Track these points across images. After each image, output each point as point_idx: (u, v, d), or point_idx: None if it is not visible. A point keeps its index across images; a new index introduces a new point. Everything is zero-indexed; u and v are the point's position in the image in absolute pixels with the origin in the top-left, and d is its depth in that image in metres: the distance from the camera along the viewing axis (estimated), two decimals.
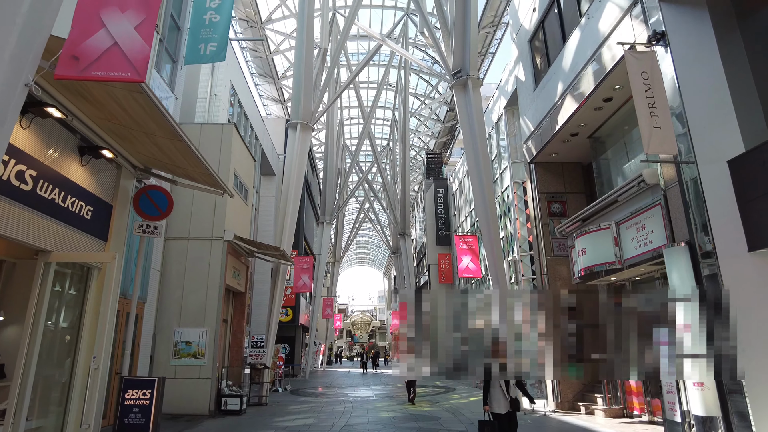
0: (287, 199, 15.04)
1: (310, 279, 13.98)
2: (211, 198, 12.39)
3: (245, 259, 14.10)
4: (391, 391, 17.72)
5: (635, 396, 9.10)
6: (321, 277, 26.23)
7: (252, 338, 23.86)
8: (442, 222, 30.40)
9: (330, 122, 26.44)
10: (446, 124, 32.67)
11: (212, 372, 11.21)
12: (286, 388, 17.76)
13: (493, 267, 12.06)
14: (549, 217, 12.14)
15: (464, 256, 11.87)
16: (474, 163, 12.79)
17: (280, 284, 14.35)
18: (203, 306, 11.62)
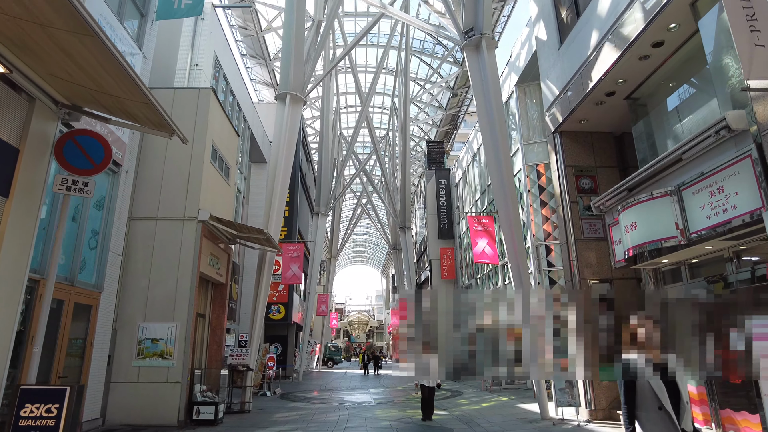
0: (275, 179, 13.32)
1: (301, 269, 12.26)
2: (183, 172, 10.69)
3: (226, 245, 12.36)
4: (392, 395, 15.99)
5: (695, 404, 7.41)
6: (315, 271, 24.50)
7: (240, 337, 22.17)
8: (444, 215, 28.73)
9: (325, 108, 24.71)
10: (449, 111, 30.97)
11: (182, 375, 9.47)
12: (275, 392, 16.02)
13: (513, 252, 10.35)
14: (578, 194, 10.44)
15: (479, 239, 10.21)
16: (489, 134, 11.10)
17: (266, 274, 12.61)
18: (173, 297, 9.89)
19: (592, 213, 10.29)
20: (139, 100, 4.44)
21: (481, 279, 22.86)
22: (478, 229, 10.34)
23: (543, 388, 9.71)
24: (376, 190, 30.66)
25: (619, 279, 9.93)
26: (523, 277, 10.12)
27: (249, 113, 21.79)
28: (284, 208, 13.70)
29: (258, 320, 12.29)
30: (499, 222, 10.73)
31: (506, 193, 10.52)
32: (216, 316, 12.15)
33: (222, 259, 12.17)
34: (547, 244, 16.32)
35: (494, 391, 15.51)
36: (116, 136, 9.44)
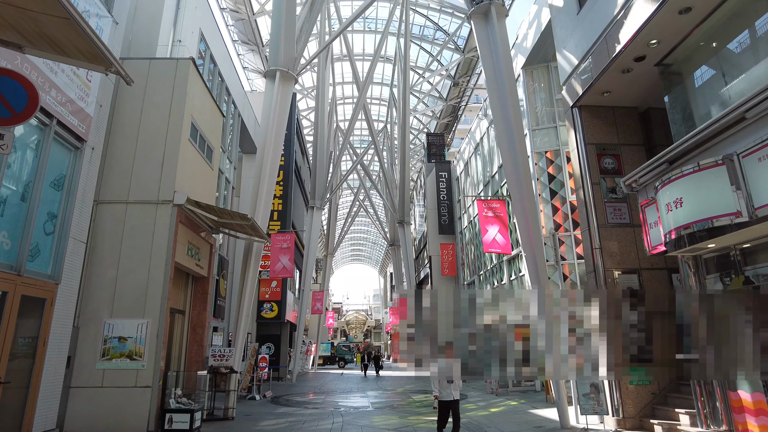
0: (263, 162, 12.15)
1: (292, 261, 11.12)
2: (158, 150, 9.53)
3: (208, 235, 11.20)
4: (391, 398, 14.85)
5: (752, 415, 6.28)
6: (311, 267, 23.34)
7: (230, 336, 21.00)
8: (444, 209, 27.61)
9: (320, 93, 23.54)
10: (449, 101, 29.82)
11: (154, 378, 8.31)
12: (265, 396, 14.85)
13: (528, 240, 9.22)
14: (600, 175, 9.32)
15: (489, 226, 9.09)
16: (500, 109, 9.97)
17: (252, 267, 11.46)
18: (144, 290, 8.72)
19: (616, 196, 9.19)
20: (57, 14, 3.29)
21: (485, 275, 21.74)
22: (489, 215, 9.22)
23: (563, 393, 8.59)
24: (374, 184, 29.49)
25: (647, 270, 8.82)
26: (539, 269, 9.00)
27: (240, 100, 20.62)
28: (273, 194, 12.54)
29: (243, 317, 11.13)
30: (512, 207, 9.60)
31: (520, 175, 9.39)
32: (197, 312, 10.99)
33: (203, 249, 11.01)
34: (560, 236, 15.20)
35: (501, 394, 14.39)
36: (78, 106, 8.29)
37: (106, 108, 9.33)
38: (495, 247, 9.28)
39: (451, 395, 6.66)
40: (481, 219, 9.64)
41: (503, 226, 9.41)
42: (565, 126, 16.24)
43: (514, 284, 18.04)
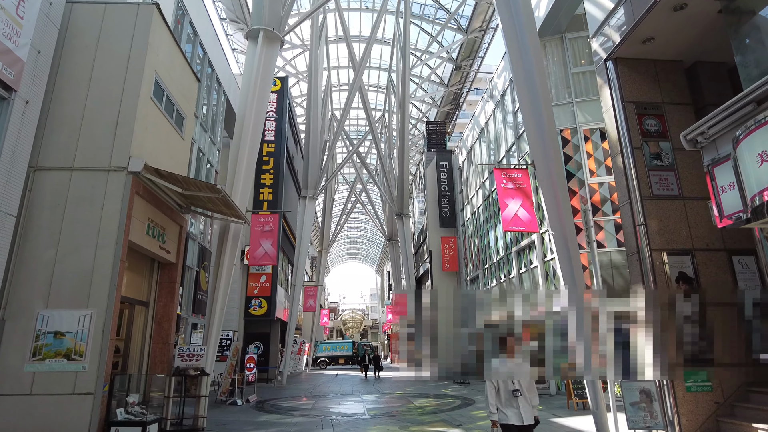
0: (242, 134, 10.58)
1: (275, 247, 9.54)
2: (112, 108, 7.94)
3: (177, 214, 9.60)
4: (389, 403, 13.28)
5: None
6: (302, 261, 21.73)
7: None
8: (445, 201, 26.07)
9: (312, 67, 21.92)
10: (450, 87, 28.24)
11: (97, 382, 6.71)
12: (248, 400, 13.25)
13: (557, 218, 7.66)
14: (642, 139, 7.77)
15: (510, 199, 7.54)
16: (521, 61, 8.39)
17: (228, 253, 9.87)
18: (89, 274, 7.12)
19: (662, 163, 7.65)
20: None
21: (490, 269, 20.20)
22: (508, 187, 7.68)
23: (601, 400, 7.02)
24: (371, 175, 27.92)
25: (702, 251, 7.27)
26: (571, 251, 7.42)
27: (226, 80, 19.02)
28: (254, 171, 10.95)
29: (217, 311, 9.53)
30: (537, 176, 8.03)
31: (545, 137, 7.82)
32: (163, 304, 9.38)
33: (170, 231, 9.40)
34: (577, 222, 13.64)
35: None
36: (5, 46, 6.69)
37: (47, 56, 7.74)
38: (517, 225, 7.73)
39: (518, 416, 4.23)
40: (500, 191, 8.07)
41: (526, 199, 7.86)
42: (583, 102, 14.72)
43: (524, 277, 16.50)
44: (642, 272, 7.17)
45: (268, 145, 23.20)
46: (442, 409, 11.40)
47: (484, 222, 21.01)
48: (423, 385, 19.33)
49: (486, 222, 20.67)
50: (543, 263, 14.61)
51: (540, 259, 14.68)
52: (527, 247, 15.95)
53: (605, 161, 14.05)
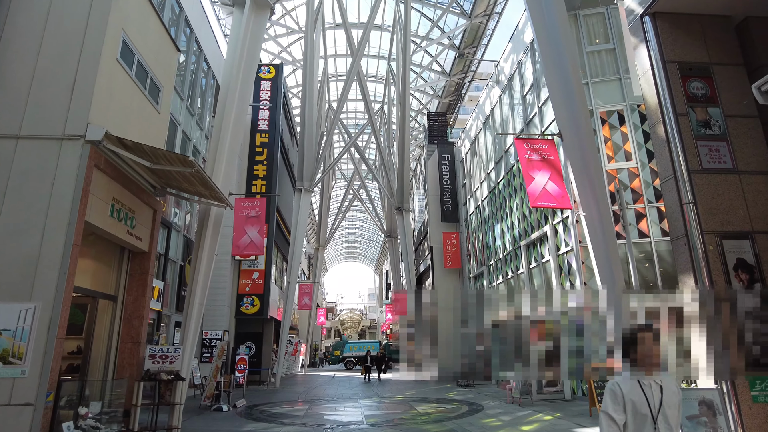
0: (224, 110, 9.44)
1: (263, 235, 8.40)
2: (67, 69, 6.79)
3: (150, 197, 8.44)
4: (389, 409, 12.14)
5: None
6: (297, 256, 20.57)
7: (204, 335, 18.24)
8: (447, 194, 24.98)
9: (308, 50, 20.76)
10: (452, 77, 27.10)
11: (39, 390, 5.55)
12: (235, 406, 12.09)
13: (589, 195, 6.52)
14: (687, 104, 6.65)
15: (536, 172, 6.39)
16: (542, 19, 7.27)
17: (209, 240, 8.73)
18: (34, 261, 5.96)
19: (711, 131, 6.53)
20: None
21: (495, 265, 19.08)
22: (533, 158, 6.54)
23: None
24: (370, 168, 26.78)
25: (763, 233, 6.16)
26: (607, 235, 6.28)
27: (216, 63, 17.90)
28: (237, 150, 9.80)
29: (195, 305, 8.38)
30: (564, 147, 6.91)
31: (574, 102, 6.70)
32: (133, 299, 8.22)
33: (142, 215, 8.24)
34: None
35: (525, 405, 11.72)
36: None
37: None
38: (546, 200, 6.61)
39: None
40: (524, 164, 6.94)
41: (555, 172, 6.74)
42: (599, 83, 13.62)
43: (534, 273, 15.38)
44: (692, 259, 6.05)
45: (262, 135, 22.04)
46: (449, 417, 10.27)
47: (489, 215, 19.89)
48: (424, 388, 18.20)
49: (492, 215, 19.55)
50: (556, 257, 13.50)
51: (553, 252, 13.57)
52: (538, 240, 14.84)
53: (624, 146, 12.96)
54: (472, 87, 34.91)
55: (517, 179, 16.53)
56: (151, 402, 8.12)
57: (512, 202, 17.13)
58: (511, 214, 17.25)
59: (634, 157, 12.72)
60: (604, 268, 6.23)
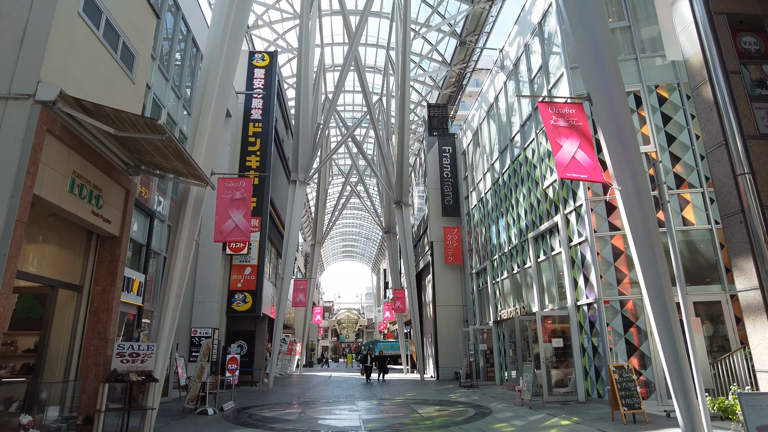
0: (208, 80, 8.49)
1: (249, 220, 7.45)
2: (15, 18, 5.82)
3: (123, 175, 7.48)
4: (388, 413, 11.20)
5: None
6: (291, 250, 19.62)
7: (193, 333, 17.25)
8: (448, 188, 24.05)
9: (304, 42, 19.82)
10: (454, 66, 26.17)
11: None
12: (222, 408, 11.13)
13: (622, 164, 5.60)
14: (739, 61, 5.74)
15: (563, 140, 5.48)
16: None
17: (188, 224, 7.77)
18: None
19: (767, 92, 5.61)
20: None
21: (500, 260, 18.16)
22: (559, 124, 5.64)
23: (698, 418, 4.96)
24: (367, 160, 25.83)
25: None
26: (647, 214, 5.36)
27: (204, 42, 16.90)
28: (220, 126, 8.83)
29: (171, 297, 7.43)
30: (594, 114, 5.97)
31: (604, 63, 5.77)
32: (101, 289, 7.26)
33: (111, 194, 7.29)
34: (609, 200, 11.66)
35: (536, 407, 10.80)
36: None
37: None
38: (576, 171, 5.68)
39: None
40: (549, 130, 6.01)
41: (585, 140, 5.81)
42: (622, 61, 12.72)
43: (543, 267, 14.47)
44: (750, 239, 5.14)
45: (255, 124, 21.11)
46: (455, 421, 9.34)
47: (493, 208, 18.98)
48: (425, 389, 17.29)
49: (496, 208, 18.63)
50: (568, 248, 12.59)
51: (564, 243, 12.66)
52: (547, 231, 13.92)
53: (641, 129, 12.04)
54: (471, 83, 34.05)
55: (524, 168, 15.62)
56: (122, 406, 7.17)
57: (518, 192, 16.22)
58: (517, 206, 16.34)
59: (653, 140, 11.82)
60: (644, 254, 5.32)
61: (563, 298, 13.06)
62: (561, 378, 13.36)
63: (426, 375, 24.76)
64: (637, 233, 5.45)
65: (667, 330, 5.32)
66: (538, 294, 14.33)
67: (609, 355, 10.76)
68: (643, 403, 8.25)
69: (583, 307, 11.96)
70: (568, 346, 12.86)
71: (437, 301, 22.78)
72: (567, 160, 5.79)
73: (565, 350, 13.25)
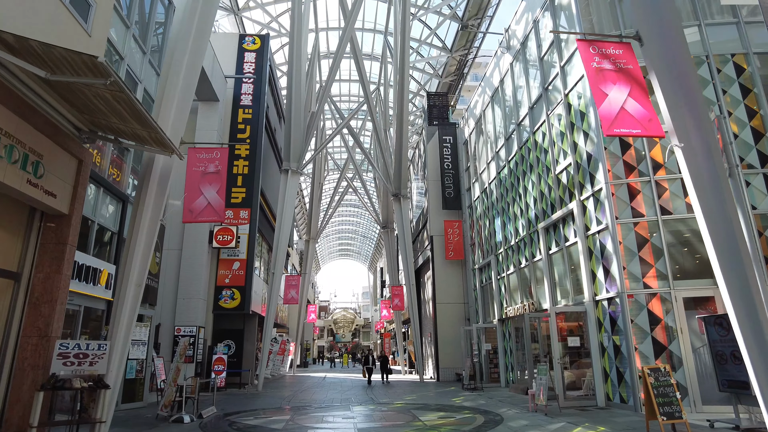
0: (179, 36, 7.28)
1: (222, 196, 6.25)
2: None
3: (74, 142, 6.26)
4: (388, 420, 10.02)
5: None
6: (283, 244, 18.41)
7: (177, 331, 16.02)
8: (449, 179, 22.88)
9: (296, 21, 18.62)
10: (455, 53, 25.00)
11: None
12: (201, 415, 9.92)
13: (684, 115, 4.43)
14: None
15: (608, 87, 4.34)
16: None
17: (152, 201, 6.56)
18: None
19: None
20: None
21: (505, 253, 17.01)
22: (604, 67, 4.53)
23: None
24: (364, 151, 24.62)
25: None
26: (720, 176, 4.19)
27: None
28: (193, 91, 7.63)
29: (131, 286, 6.22)
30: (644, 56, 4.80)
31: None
32: (43, 276, 6.05)
33: (56, 163, 6.07)
34: (632, 183, 10.52)
35: (552, 414, 9.65)
36: None
37: None
38: (626, 126, 4.52)
39: None
40: (591, 75, 4.86)
41: (637, 87, 4.65)
42: None
43: (554, 259, 13.32)
44: None
45: (245, 110, 19.92)
46: (462, 430, 8.17)
47: (498, 198, 17.82)
48: (425, 392, 16.12)
49: (501, 198, 17.48)
50: (585, 238, 11.44)
51: (581, 232, 11.52)
52: (560, 220, 12.77)
53: None
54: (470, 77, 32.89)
55: (533, 154, 14.47)
56: (69, 419, 5.97)
57: (526, 180, 15.06)
58: (525, 195, 15.18)
59: None
60: (718, 228, 4.17)
61: (579, 293, 11.92)
62: (573, 380, 12.25)
63: (425, 376, 23.59)
64: (706, 202, 4.30)
65: (752, 324, 4.17)
66: (550, 289, 13.18)
67: (634, 355, 9.62)
68: (684, 411, 7.09)
69: (602, 302, 10.81)
70: (582, 345, 11.76)
71: (437, 298, 21.63)
72: (614, 113, 4.63)
73: (579, 350, 12.16)
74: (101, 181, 9.77)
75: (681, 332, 9.49)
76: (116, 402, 10.65)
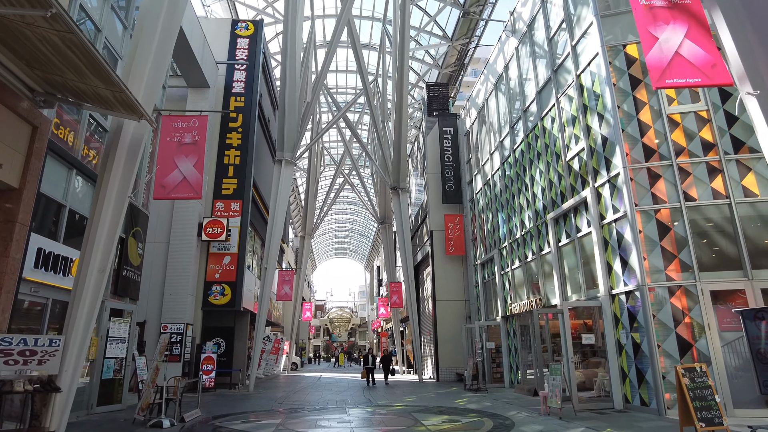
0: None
1: (201, 172, 5.39)
2: None
3: (21, 102, 5.38)
4: (387, 425, 9.16)
5: None
6: (276, 238, 17.52)
7: (163, 328, 15.16)
8: (450, 172, 22.06)
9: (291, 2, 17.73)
10: (455, 42, 24.16)
11: None
12: (183, 419, 9.03)
13: (759, 56, 3.59)
14: None
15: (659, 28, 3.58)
16: None
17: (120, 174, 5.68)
18: None
19: None
20: None
21: (509, 248, 16.18)
22: (654, 4, 3.74)
23: None
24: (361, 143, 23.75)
25: None
26: None
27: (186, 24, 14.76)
28: (170, 51, 6.74)
29: (93, 273, 5.34)
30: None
31: None
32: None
33: (8, 131, 5.18)
34: (652, 167, 9.73)
35: (567, 418, 8.82)
36: None
37: None
38: (683, 74, 3.71)
39: None
40: (639, 15, 4.00)
41: (696, 25, 3.80)
42: None
43: (565, 252, 12.50)
44: None
45: (237, 98, 19.04)
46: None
47: (502, 190, 16.99)
48: (425, 393, 15.26)
49: (505, 190, 16.65)
50: (600, 228, 10.62)
51: (595, 222, 10.69)
52: (572, 209, 11.96)
53: None
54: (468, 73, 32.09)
55: (541, 141, 13.66)
56: (16, 428, 5.09)
57: (534, 169, 14.24)
58: (532, 184, 14.36)
59: (704, 98, 9.89)
60: None
61: (593, 287, 11.10)
62: (583, 380, 11.45)
63: (424, 376, 22.75)
64: None
65: None
66: (560, 283, 12.36)
67: (656, 353, 8.80)
68: (725, 417, 6.26)
69: (619, 297, 9.99)
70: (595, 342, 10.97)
71: (437, 295, 20.78)
72: (666, 59, 3.79)
73: (588, 348, 11.38)
74: (74, 162, 8.86)
75: (709, 328, 8.68)
76: (91, 405, 9.73)
